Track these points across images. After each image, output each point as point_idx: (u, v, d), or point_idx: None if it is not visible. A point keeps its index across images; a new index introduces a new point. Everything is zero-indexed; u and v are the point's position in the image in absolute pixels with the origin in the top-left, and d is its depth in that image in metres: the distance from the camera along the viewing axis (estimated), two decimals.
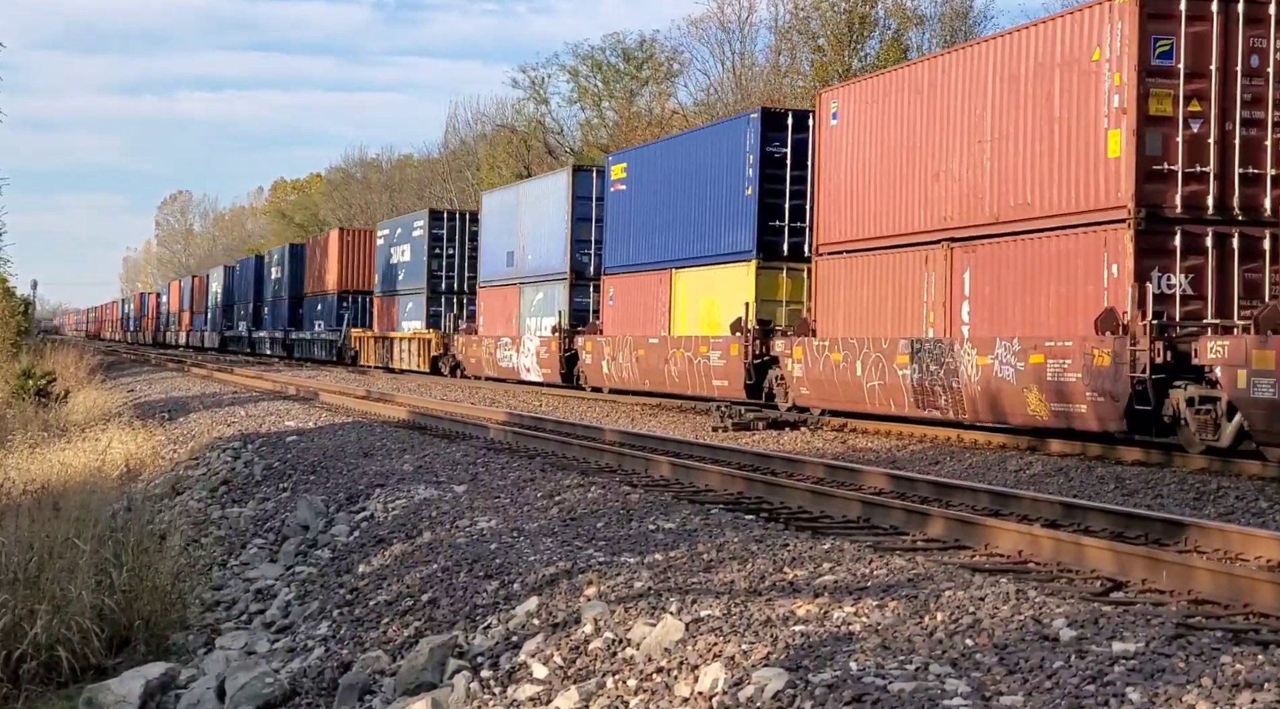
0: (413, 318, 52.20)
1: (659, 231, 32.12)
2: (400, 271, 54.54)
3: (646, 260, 32.72)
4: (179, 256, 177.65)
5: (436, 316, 50.04)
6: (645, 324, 32.26)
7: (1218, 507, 13.92)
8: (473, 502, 13.60)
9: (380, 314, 57.27)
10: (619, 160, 35.78)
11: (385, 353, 53.66)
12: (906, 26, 53.86)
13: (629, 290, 33.65)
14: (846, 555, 9.51)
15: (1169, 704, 5.81)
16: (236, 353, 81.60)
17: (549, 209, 39.40)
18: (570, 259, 37.73)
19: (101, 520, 13.72)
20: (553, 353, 37.18)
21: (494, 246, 44.02)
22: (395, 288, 55.04)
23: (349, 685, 8.91)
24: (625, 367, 32.65)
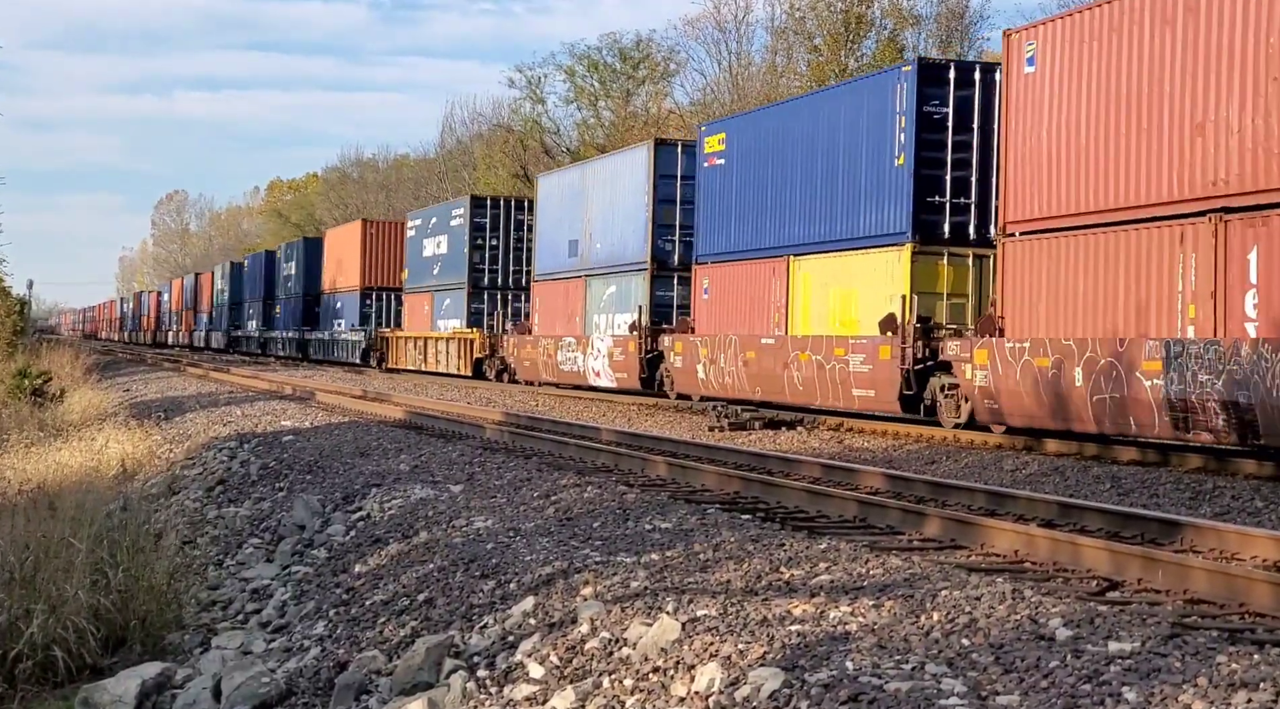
0: (451, 316, 47.82)
1: (770, 212, 27.29)
2: (435, 265, 49.80)
3: (753, 247, 27.93)
4: (175, 256, 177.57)
5: (479, 314, 45.65)
6: (752, 321, 27.63)
7: (1213, 506, 13.93)
8: (469, 501, 13.60)
9: (412, 312, 52.64)
10: (715, 129, 30.39)
11: (419, 354, 49.19)
12: (903, 27, 53.89)
13: (730, 282, 28.80)
14: (843, 555, 9.51)
15: (1165, 704, 5.82)
16: (246, 354, 77.71)
17: (624, 190, 34.42)
18: (651, 247, 32.82)
19: (97, 520, 13.71)
20: (630, 355, 32.24)
21: (553, 235, 39.12)
22: (430, 283, 50.33)
23: (345, 685, 8.91)
24: (729, 372, 27.70)
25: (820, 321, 25.47)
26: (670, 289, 32.82)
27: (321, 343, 62.52)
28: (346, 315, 58.54)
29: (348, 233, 60.60)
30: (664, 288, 32.87)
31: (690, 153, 32.23)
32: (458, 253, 47.43)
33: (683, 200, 32.42)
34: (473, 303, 46.19)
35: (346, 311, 58.58)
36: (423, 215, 53.18)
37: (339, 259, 60.42)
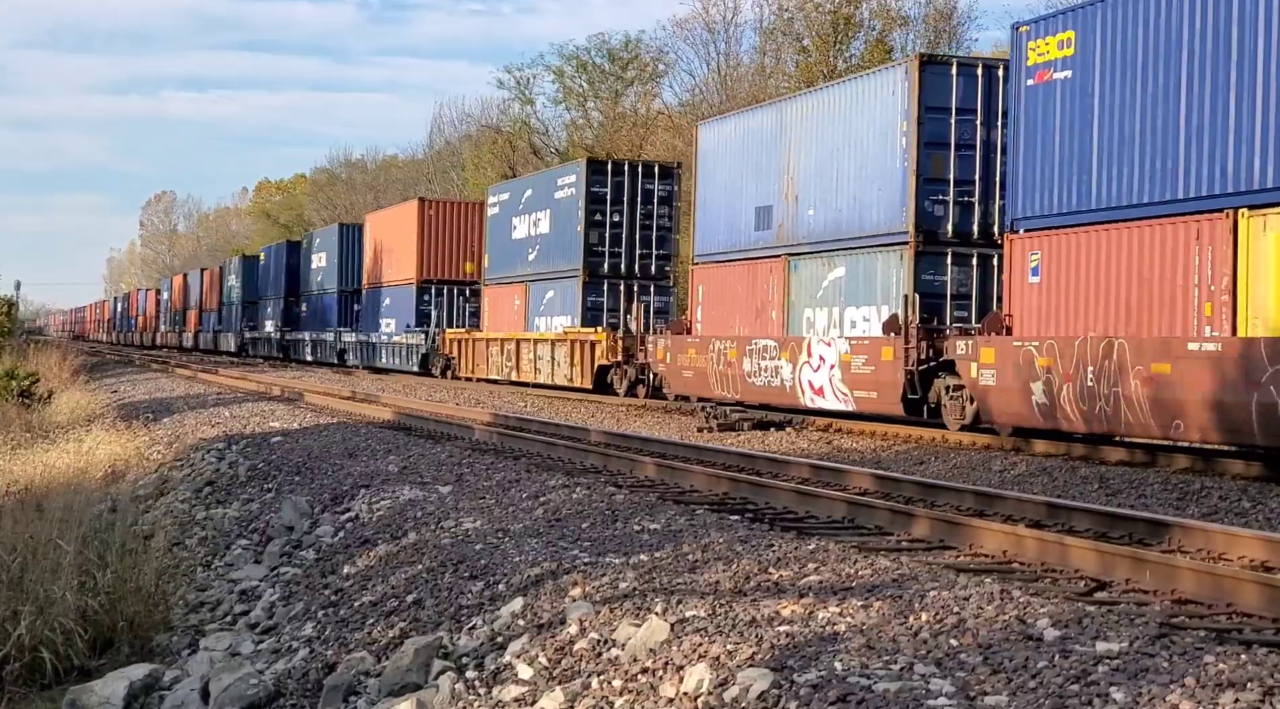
0: (557, 311, 38.45)
1: (1199, 139, 17.43)
2: (532, 249, 40.45)
3: (1144, 201, 18.21)
4: (163, 257, 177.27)
5: (597, 310, 36.67)
6: (1146, 315, 18.01)
7: (1201, 506, 13.96)
8: (458, 502, 13.59)
9: (496, 308, 43.17)
10: (1053, 27, 20.22)
11: (507, 361, 39.89)
12: (891, 27, 53.94)
13: (1085, 256, 19.14)
14: (831, 556, 9.52)
15: (1152, 704, 5.83)
16: (264, 359, 69.25)
17: (860, 132, 24.66)
18: (915, 211, 23.12)
19: (85, 522, 13.70)
20: (886, 366, 22.65)
21: (724, 202, 28.99)
22: (523, 272, 40.87)
23: (334, 686, 8.90)
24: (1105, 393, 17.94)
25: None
26: (942, 271, 23.30)
27: (363, 347, 53.46)
28: (398, 314, 49.64)
29: (398, 216, 51.34)
30: (933, 269, 23.27)
31: (969, 75, 23.38)
32: (567, 232, 37.92)
33: (960, 143, 23.32)
34: (589, 295, 36.92)
35: (397, 309, 49.85)
36: (512, 187, 43.83)
37: (385, 247, 52.06)
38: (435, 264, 47.92)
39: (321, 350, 59.76)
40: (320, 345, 60.12)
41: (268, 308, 72.04)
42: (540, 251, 39.83)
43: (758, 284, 27.56)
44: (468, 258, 47.09)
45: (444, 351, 44.65)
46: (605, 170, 37.22)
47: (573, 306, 37.41)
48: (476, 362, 42.47)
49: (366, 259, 54.74)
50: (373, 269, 53.77)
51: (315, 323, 61.79)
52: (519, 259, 41.35)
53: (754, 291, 27.67)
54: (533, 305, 40.24)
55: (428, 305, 47.56)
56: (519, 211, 41.72)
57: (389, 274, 51.28)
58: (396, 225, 50.80)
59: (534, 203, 40.52)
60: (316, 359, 60.15)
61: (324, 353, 59.06)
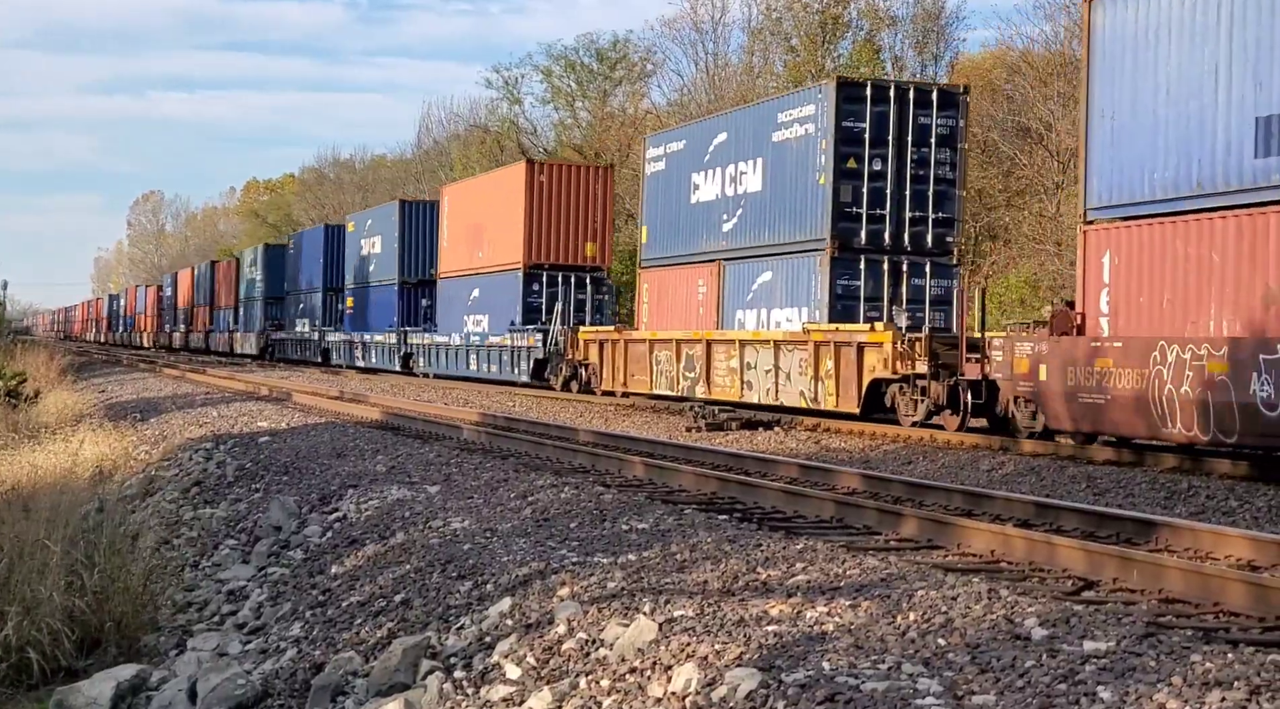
0: (780, 302, 27.28)
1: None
2: (729, 215, 29.13)
3: None
4: (151, 257, 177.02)
5: (850, 298, 25.82)
6: None
7: (1188, 506, 13.99)
8: (446, 502, 13.58)
9: (662, 299, 32.14)
10: None
11: (688, 370, 28.82)
12: (879, 28, 54.00)
13: None
14: (820, 555, 9.52)
15: (1139, 703, 5.84)
16: (296, 362, 60.86)
17: None
18: None
19: (72, 521, 13.66)
20: None
21: (1171, 116, 17.60)
22: (713, 248, 29.83)
23: (321, 686, 8.89)
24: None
25: None
26: None
27: (438, 350, 43.73)
28: (493, 309, 39.89)
29: (497, 185, 40.96)
30: None
31: None
32: (799, 187, 26.77)
33: None
34: (841, 276, 25.93)
35: (492, 303, 40.11)
36: (689, 134, 32.04)
37: (473, 226, 42.19)
38: (547, 245, 38.04)
39: (377, 354, 49.63)
40: (374, 349, 49.95)
41: (300, 304, 62.27)
42: (747, 218, 28.46)
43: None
44: (588, 236, 38.04)
45: (573, 357, 34.06)
46: (863, 95, 26.03)
47: (809, 294, 26.34)
48: (632, 370, 31.29)
49: (443, 241, 44.71)
50: (452, 254, 43.81)
51: (367, 321, 51.76)
52: (704, 230, 30.18)
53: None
54: (732, 293, 29.11)
55: (537, 297, 37.92)
56: (703, 165, 30.37)
57: (480, 258, 41.21)
58: (492, 196, 40.71)
59: (733, 150, 29.23)
60: (369, 366, 50.50)
61: (380, 357, 49.09)
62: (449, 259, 44.41)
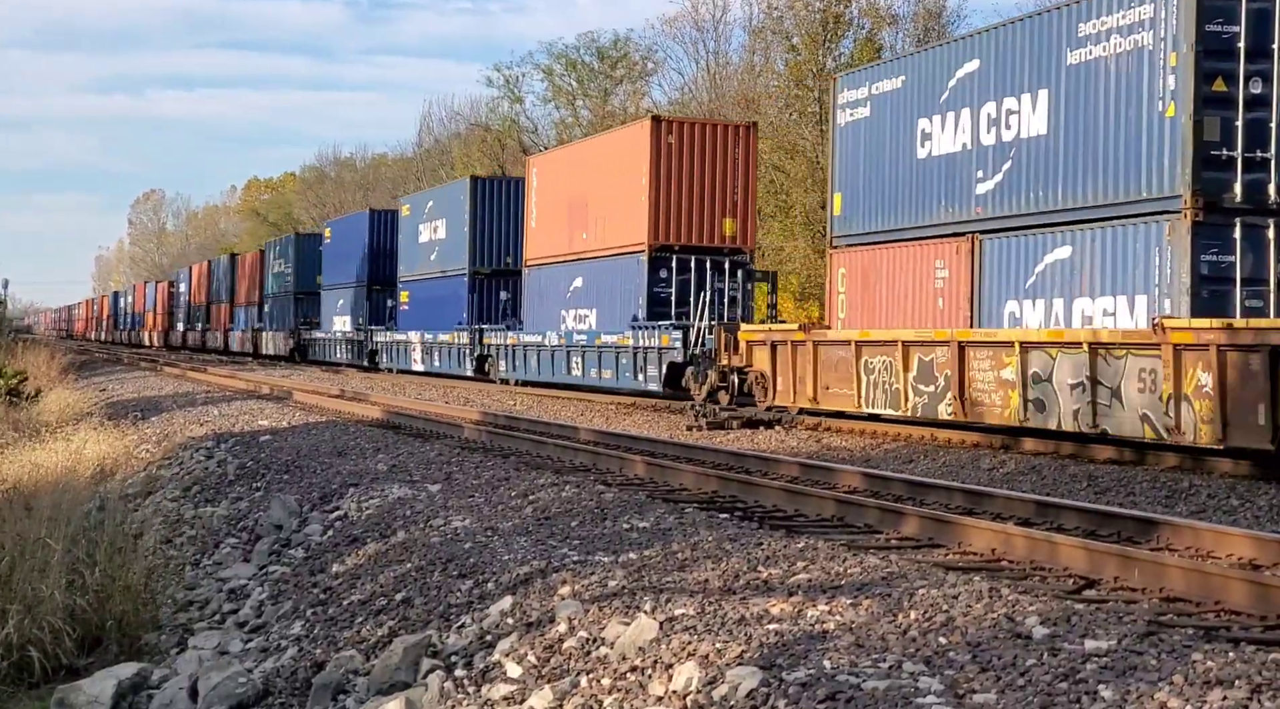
0: (1081, 288, 19.87)
1: None
2: (983, 171, 21.96)
3: None
4: (152, 256, 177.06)
5: (1223, 284, 17.99)
6: None
7: (1189, 505, 13.98)
8: (447, 501, 13.58)
9: (870, 287, 24.57)
10: None
11: (923, 383, 21.05)
12: (880, 26, 53.96)
13: None
14: (820, 554, 9.52)
15: (1140, 702, 5.84)
16: (333, 365, 55.12)
17: None
18: None
19: (74, 520, 13.67)
20: None
21: None
22: (955, 220, 22.51)
23: (322, 685, 8.89)
24: None
25: None
26: None
27: (531, 352, 36.13)
28: (605, 301, 32.64)
29: (608, 150, 33.44)
30: None
31: None
32: (1124, 122, 19.10)
33: None
34: (1207, 250, 18.03)
35: (603, 294, 32.84)
36: (910, 66, 24.47)
37: (572, 201, 34.63)
38: (677, 222, 30.60)
39: (442, 357, 42.45)
40: (439, 350, 42.65)
41: (338, 300, 55.56)
42: (1021, 173, 21.11)
43: None
44: (726, 211, 30.74)
45: (728, 362, 26.10)
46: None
47: (1148, 276, 18.60)
48: (825, 381, 23.25)
49: (530, 222, 37.48)
50: (544, 236, 36.50)
51: (428, 319, 44.37)
52: (941, 194, 22.89)
53: None
54: (996, 277, 21.62)
55: (665, 287, 30.40)
56: (939, 107, 23.14)
57: (584, 241, 33.86)
58: (602, 164, 33.33)
59: (993, 82, 21.82)
60: (431, 370, 43.63)
61: (448, 359, 41.87)
62: (539, 243, 36.75)
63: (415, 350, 45.17)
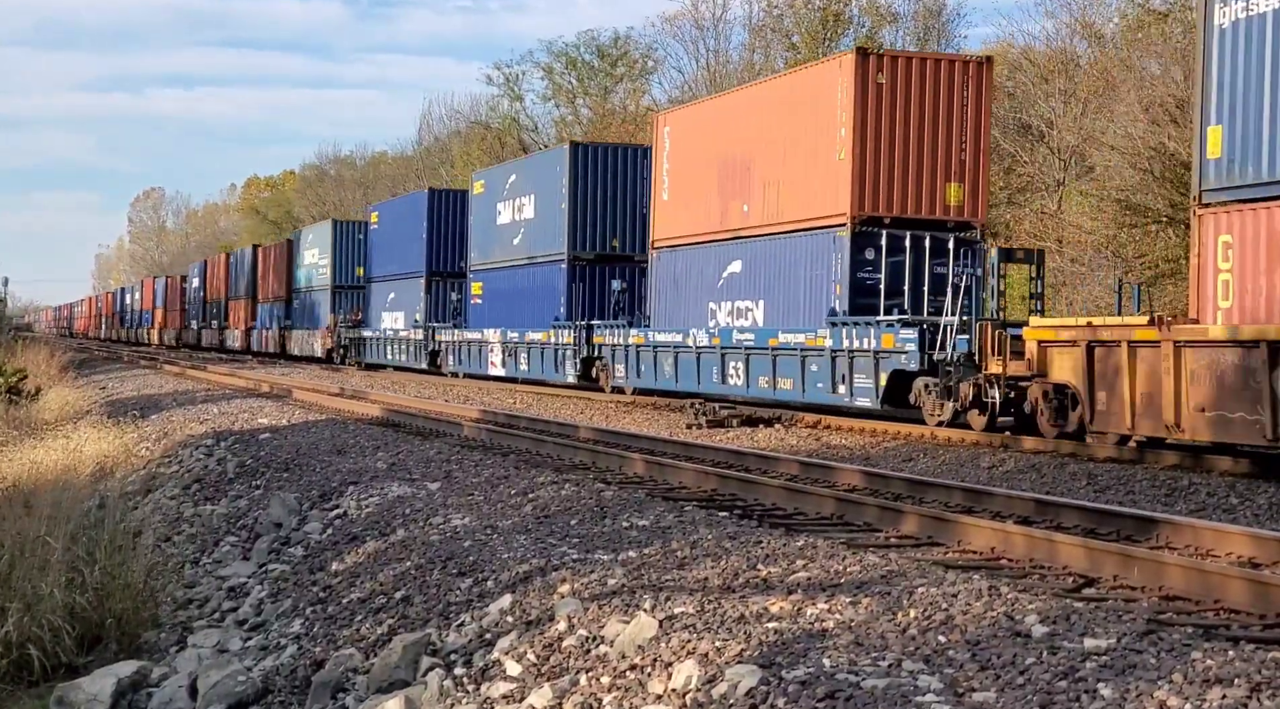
0: None
1: None
2: None
3: None
4: (152, 254, 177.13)
5: None
6: None
7: (1189, 503, 13.99)
8: (446, 499, 13.58)
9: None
10: None
11: None
12: (880, 25, 53.97)
13: None
14: (820, 552, 9.52)
15: (1140, 700, 5.84)
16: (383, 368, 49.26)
17: None
18: None
19: (73, 518, 13.67)
20: None
21: None
22: None
23: (322, 683, 8.89)
24: None
25: None
26: None
27: (666, 355, 29.44)
28: (772, 290, 26.30)
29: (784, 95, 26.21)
30: None
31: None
32: None
33: None
34: None
35: (772, 282, 26.36)
36: None
37: (724, 165, 27.77)
38: (887, 188, 23.75)
39: (532, 359, 36.01)
40: (527, 352, 36.23)
41: (388, 294, 49.16)
42: None
43: None
44: (949, 174, 24.04)
45: (1000, 370, 20.09)
46: None
47: None
48: (1196, 401, 16.42)
49: (660, 194, 30.62)
50: (680, 211, 29.57)
51: (506, 313, 38.14)
52: None
53: None
54: None
55: (872, 271, 23.67)
56: None
57: (745, 215, 26.88)
58: (774, 116, 26.23)
59: None
60: (515, 374, 37.28)
61: (540, 362, 35.50)
62: (673, 219, 29.81)
63: (494, 352, 38.44)
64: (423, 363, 44.55)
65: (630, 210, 34.27)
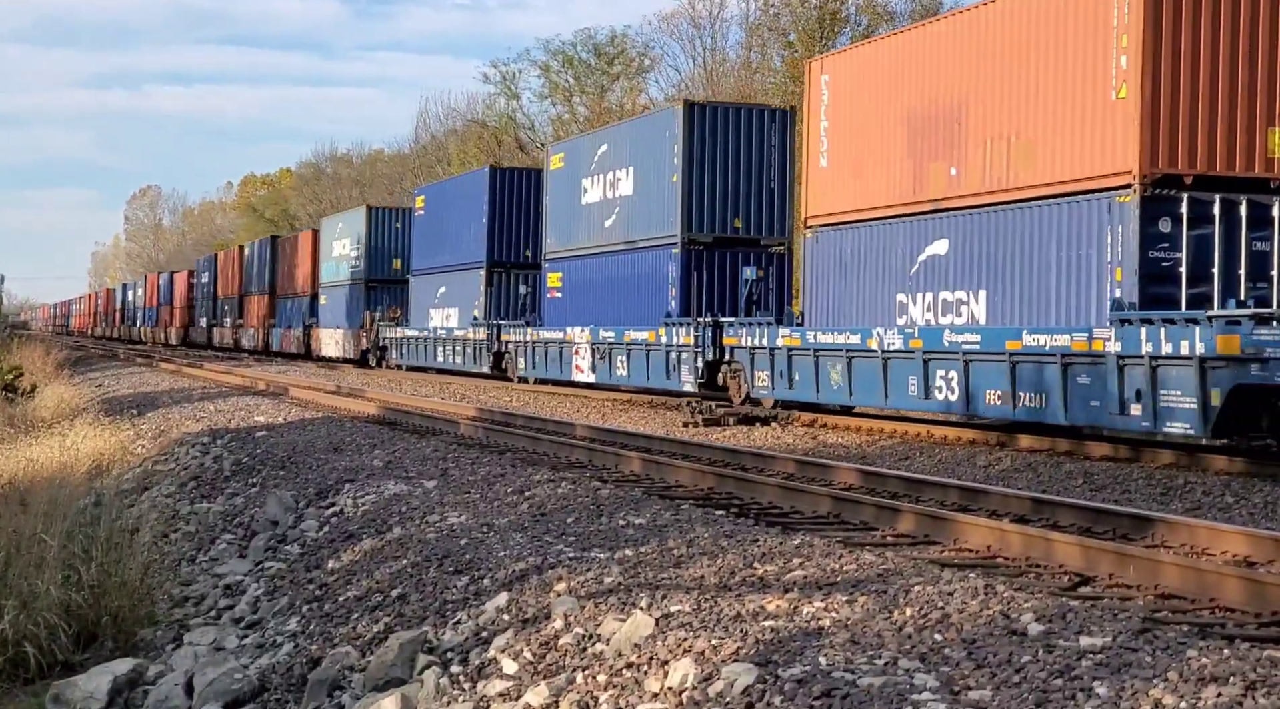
0: None
1: None
2: None
3: None
4: (148, 251, 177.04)
5: None
6: None
7: (1184, 502, 14.00)
8: (443, 497, 13.58)
9: None
10: None
11: None
12: (877, 23, 53.96)
13: None
14: (816, 551, 9.52)
15: (1135, 698, 5.84)
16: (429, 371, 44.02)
17: None
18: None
19: (70, 516, 13.66)
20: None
21: None
22: None
23: (318, 681, 8.89)
24: None
25: None
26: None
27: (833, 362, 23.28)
28: (1011, 281, 20.00)
29: (1016, 17, 19.89)
30: None
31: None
32: None
33: None
34: None
35: (1028, 270, 19.69)
36: None
37: (927, 116, 21.83)
38: (1188, 138, 17.84)
39: (633, 363, 29.72)
40: (625, 355, 29.98)
41: (437, 288, 43.42)
42: None
43: None
44: (1271, 116, 18.06)
45: None
46: None
47: None
48: None
49: (820, 160, 24.79)
50: (846, 180, 23.99)
51: (593, 309, 32.40)
52: None
53: None
54: None
55: (1171, 250, 17.84)
56: None
57: (953, 180, 21.28)
58: (1010, 42, 20.10)
59: None
60: (608, 382, 31.64)
61: (643, 368, 29.69)
62: (835, 191, 24.34)
63: (581, 354, 32.24)
64: (483, 366, 38.53)
65: (756, 184, 29.25)
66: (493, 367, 37.90)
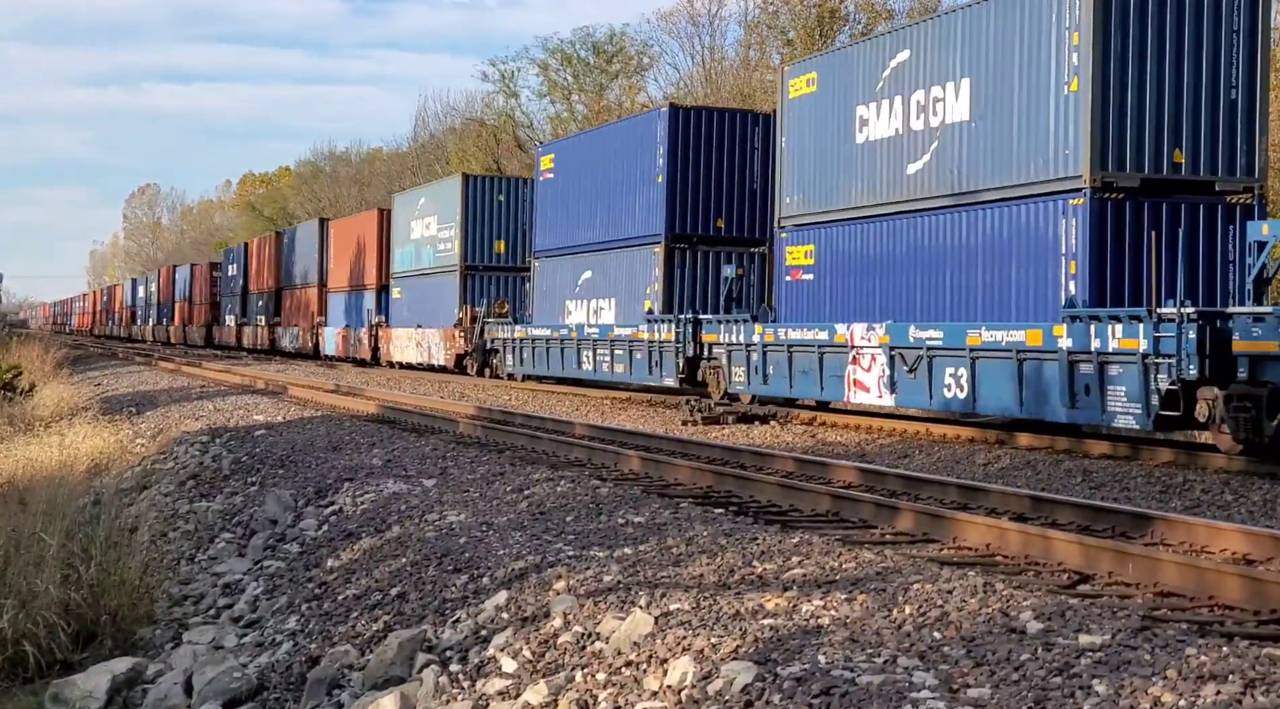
0: None
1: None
2: None
3: None
4: (147, 250, 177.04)
5: None
6: None
7: (1184, 500, 13.99)
8: (442, 496, 13.58)
9: None
10: None
11: None
12: (875, 21, 53.95)
13: None
14: (815, 549, 9.52)
15: (1134, 696, 5.84)
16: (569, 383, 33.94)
17: None
18: None
19: (69, 515, 13.67)
20: None
21: None
22: None
23: (317, 680, 8.89)
24: None
25: None
26: None
27: None
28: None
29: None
30: None
31: None
32: None
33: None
34: None
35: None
36: None
37: None
38: None
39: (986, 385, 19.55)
40: (973, 371, 19.66)
41: (579, 273, 33.47)
42: None
43: None
44: None
45: None
46: None
47: None
48: None
49: None
50: None
51: (865, 300, 22.98)
52: None
53: None
54: None
55: None
56: None
57: None
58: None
59: None
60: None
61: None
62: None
63: (868, 365, 22.02)
64: (666, 377, 28.59)
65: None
66: (684, 377, 28.07)
